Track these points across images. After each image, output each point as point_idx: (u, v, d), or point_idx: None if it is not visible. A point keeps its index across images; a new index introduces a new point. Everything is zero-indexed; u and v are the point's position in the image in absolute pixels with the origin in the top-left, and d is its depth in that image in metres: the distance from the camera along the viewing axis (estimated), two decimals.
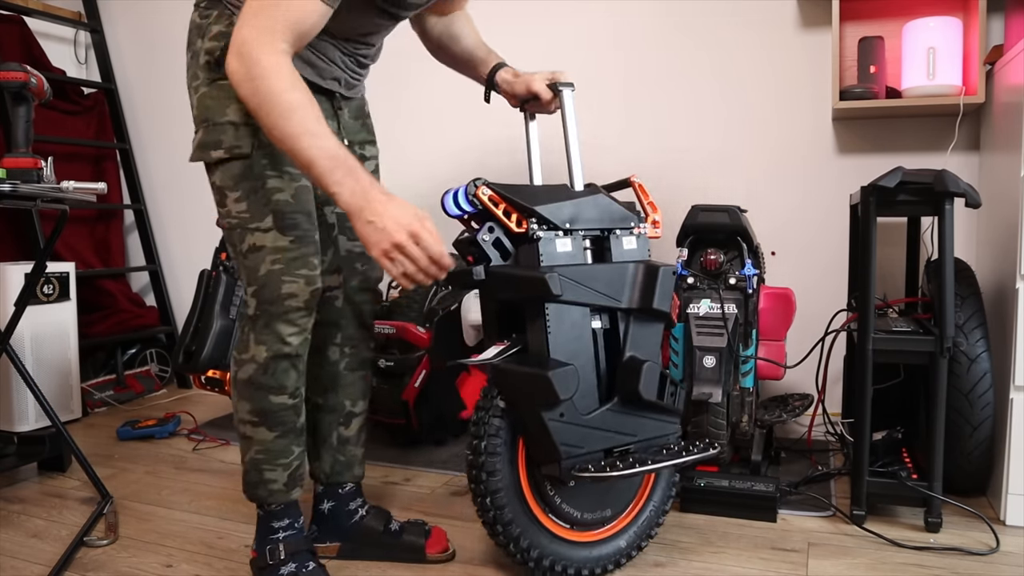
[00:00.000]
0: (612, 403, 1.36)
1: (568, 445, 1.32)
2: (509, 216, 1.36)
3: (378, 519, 1.55)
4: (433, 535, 1.54)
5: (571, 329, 1.34)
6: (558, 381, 1.26)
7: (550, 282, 1.28)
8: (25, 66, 1.70)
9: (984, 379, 1.64)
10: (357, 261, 1.53)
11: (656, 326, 1.41)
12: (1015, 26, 1.99)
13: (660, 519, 1.50)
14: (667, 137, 2.54)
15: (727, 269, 1.82)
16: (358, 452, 1.57)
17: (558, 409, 1.30)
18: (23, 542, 1.62)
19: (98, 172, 3.22)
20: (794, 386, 2.27)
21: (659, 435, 1.41)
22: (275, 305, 1.31)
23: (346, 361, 1.54)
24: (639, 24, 2.56)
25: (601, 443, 1.36)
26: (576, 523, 1.43)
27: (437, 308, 2.23)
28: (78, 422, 2.58)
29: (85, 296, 2.91)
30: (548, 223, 1.36)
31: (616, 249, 1.42)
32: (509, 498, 1.36)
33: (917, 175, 1.55)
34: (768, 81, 2.43)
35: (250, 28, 1.16)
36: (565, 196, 1.40)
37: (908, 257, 2.14)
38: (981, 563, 1.46)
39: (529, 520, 1.38)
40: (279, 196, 1.31)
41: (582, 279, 1.34)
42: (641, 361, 1.36)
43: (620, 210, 1.44)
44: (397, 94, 2.74)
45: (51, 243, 1.85)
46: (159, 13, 3.25)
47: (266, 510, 1.42)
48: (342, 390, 1.54)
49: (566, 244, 1.37)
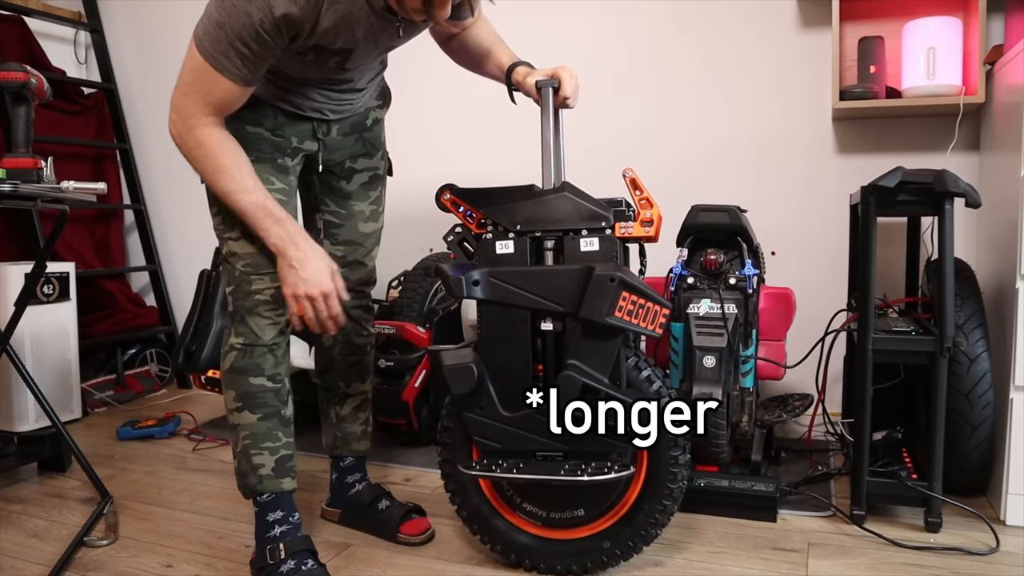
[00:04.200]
0: (541, 407, 1.34)
1: (484, 439, 1.39)
2: (472, 218, 1.44)
3: (368, 494, 1.68)
4: (414, 520, 1.62)
5: (503, 329, 1.38)
6: (450, 376, 1.36)
7: (454, 285, 1.33)
8: (25, 66, 1.70)
9: (984, 379, 1.63)
10: (339, 264, 1.55)
11: (601, 335, 1.32)
12: (1015, 26, 1.99)
13: (660, 521, 1.42)
14: (667, 137, 2.54)
15: (727, 269, 1.82)
16: (356, 429, 1.69)
17: (475, 403, 1.38)
18: (23, 542, 1.63)
19: (98, 172, 3.22)
20: (794, 386, 2.27)
21: (596, 450, 1.35)
22: (247, 300, 1.44)
23: (339, 348, 1.65)
24: (639, 24, 2.56)
25: (521, 444, 1.38)
26: (544, 521, 1.45)
27: (437, 308, 2.23)
28: (78, 422, 2.58)
29: (85, 296, 2.91)
30: (498, 225, 1.40)
31: (570, 251, 1.38)
32: (463, 491, 1.48)
33: (917, 175, 1.55)
34: (768, 81, 2.43)
35: (181, 101, 1.31)
36: (525, 197, 1.40)
37: (908, 257, 2.14)
38: (981, 563, 1.46)
39: (491, 514, 1.47)
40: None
41: (515, 282, 1.34)
42: (565, 371, 1.32)
43: (589, 210, 1.38)
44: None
45: (51, 243, 1.85)
46: (159, 13, 3.25)
47: (259, 503, 1.46)
48: (336, 372, 1.67)
49: (507, 246, 1.40)
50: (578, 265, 1.34)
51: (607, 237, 1.38)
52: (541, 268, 1.39)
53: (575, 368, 1.32)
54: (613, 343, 1.32)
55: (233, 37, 1.24)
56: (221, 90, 1.29)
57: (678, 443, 1.38)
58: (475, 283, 1.34)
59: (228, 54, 1.26)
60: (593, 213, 1.38)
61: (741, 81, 2.46)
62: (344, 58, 1.38)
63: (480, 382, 1.37)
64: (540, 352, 1.41)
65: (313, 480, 1.96)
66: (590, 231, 1.38)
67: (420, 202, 2.83)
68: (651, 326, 1.29)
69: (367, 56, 1.42)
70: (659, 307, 1.29)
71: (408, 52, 1.60)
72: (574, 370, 1.32)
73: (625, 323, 1.29)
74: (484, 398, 1.38)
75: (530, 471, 1.37)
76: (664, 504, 1.39)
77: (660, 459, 1.39)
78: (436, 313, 2.20)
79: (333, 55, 1.36)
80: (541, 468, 1.37)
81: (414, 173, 2.55)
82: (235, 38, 1.24)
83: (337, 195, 1.60)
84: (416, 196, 2.58)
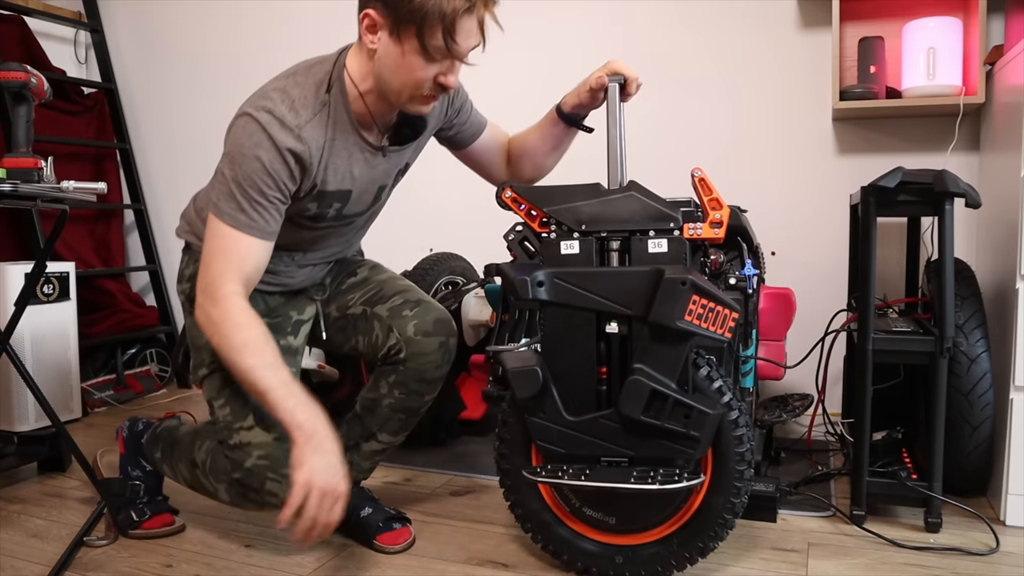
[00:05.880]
0: (607, 412, 1.32)
1: (548, 444, 1.35)
2: (534, 217, 1.38)
3: (353, 498, 1.60)
4: (395, 531, 1.58)
5: (567, 332, 1.33)
6: (515, 379, 1.31)
7: (518, 286, 1.29)
8: (25, 66, 1.70)
9: (984, 379, 1.63)
10: (404, 309, 1.54)
11: (670, 339, 1.27)
12: (1015, 26, 1.99)
13: (728, 522, 1.35)
14: (667, 137, 2.54)
15: (727, 269, 1.81)
16: (365, 465, 1.63)
17: (538, 406, 1.33)
18: (23, 542, 1.63)
19: (98, 172, 3.22)
20: (794, 386, 2.27)
21: (662, 456, 1.31)
22: (260, 495, 1.41)
23: (390, 401, 1.55)
24: (639, 24, 2.56)
25: (586, 449, 1.33)
26: (608, 526, 1.40)
27: None
28: (78, 422, 2.58)
29: (85, 296, 2.91)
30: (562, 224, 1.36)
31: (637, 252, 1.34)
32: (520, 493, 1.43)
33: (917, 175, 1.55)
34: (768, 81, 2.43)
35: (205, 276, 1.31)
36: (590, 196, 1.36)
37: (908, 257, 2.14)
38: (981, 563, 1.46)
39: (551, 518, 1.42)
40: (255, 399, 1.36)
41: (581, 283, 1.30)
42: (632, 375, 1.28)
43: (657, 210, 1.33)
44: None
45: (51, 243, 1.85)
46: (159, 13, 3.25)
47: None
48: (375, 418, 1.57)
49: (572, 246, 1.35)
50: (647, 267, 1.29)
51: (676, 239, 1.33)
52: (608, 269, 1.34)
53: (643, 373, 1.27)
54: (682, 347, 1.27)
55: (247, 187, 1.26)
56: (243, 249, 1.29)
57: (743, 441, 1.32)
58: (539, 284, 1.31)
59: (245, 208, 1.27)
60: (661, 213, 1.34)
61: (741, 81, 2.46)
62: (343, 203, 1.40)
63: (544, 386, 1.33)
64: (604, 355, 1.36)
65: None
66: (658, 232, 1.34)
67: (420, 202, 2.84)
68: (720, 330, 1.25)
69: (365, 198, 1.44)
70: (728, 311, 1.25)
71: None
72: (642, 375, 1.27)
73: (695, 327, 1.25)
74: (548, 402, 1.33)
75: (597, 478, 1.31)
76: (732, 503, 1.33)
77: (726, 462, 1.33)
78: None
79: (333, 200, 1.38)
80: (609, 475, 1.31)
81: (414, 173, 2.55)
82: (249, 187, 1.26)
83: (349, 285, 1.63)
84: (416, 196, 2.58)
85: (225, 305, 1.28)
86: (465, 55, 1.28)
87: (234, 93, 1.36)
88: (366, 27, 1.27)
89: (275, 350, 1.29)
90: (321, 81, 1.34)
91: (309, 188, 1.35)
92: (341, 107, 1.34)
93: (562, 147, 1.60)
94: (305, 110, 1.31)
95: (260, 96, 1.32)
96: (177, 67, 3.27)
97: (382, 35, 1.26)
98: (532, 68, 2.68)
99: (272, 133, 1.27)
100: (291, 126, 1.28)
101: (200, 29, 3.19)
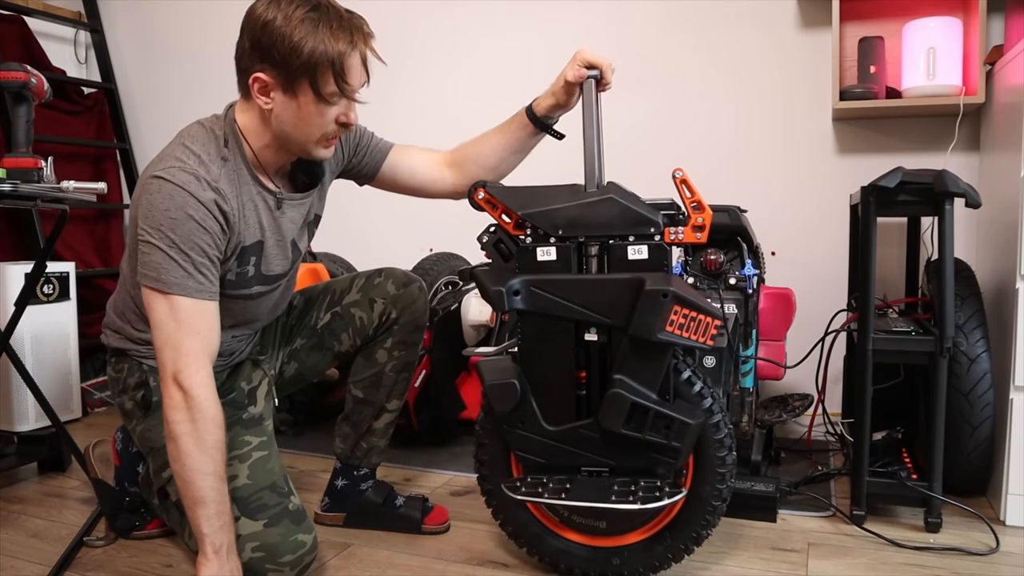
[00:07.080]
0: (586, 422, 1.30)
1: (527, 454, 1.34)
2: (509, 220, 1.35)
3: (379, 492, 1.66)
4: (435, 510, 1.65)
5: (545, 340, 1.30)
6: (492, 394, 1.30)
7: (495, 299, 1.27)
8: (25, 66, 1.70)
9: (984, 379, 1.64)
10: (372, 280, 1.60)
11: (651, 351, 1.24)
12: (1015, 26, 1.99)
13: (710, 522, 1.35)
14: (666, 137, 2.54)
15: (727, 269, 1.82)
16: (380, 443, 1.66)
17: (517, 417, 1.32)
18: (23, 542, 1.62)
19: (98, 172, 3.22)
20: (794, 386, 2.27)
21: (643, 466, 1.30)
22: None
23: (392, 364, 1.62)
24: (638, 24, 2.56)
25: (566, 459, 1.32)
26: (594, 530, 1.39)
27: (437, 308, 2.23)
28: (78, 422, 2.58)
29: (85, 296, 2.90)
30: (538, 228, 1.32)
31: (616, 258, 1.29)
32: (507, 509, 1.42)
33: (917, 175, 1.55)
34: (768, 81, 2.43)
35: (171, 361, 1.22)
36: (567, 199, 1.30)
37: (908, 257, 2.14)
38: (981, 563, 1.46)
39: (540, 530, 1.41)
40: (236, 484, 1.32)
41: (559, 292, 1.27)
42: (612, 388, 1.26)
43: (637, 214, 1.28)
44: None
45: (51, 243, 1.85)
46: (159, 13, 3.25)
47: None
48: (383, 388, 1.63)
49: (549, 252, 1.30)
50: (627, 275, 1.25)
51: (656, 245, 1.28)
52: (587, 277, 1.29)
53: (623, 384, 1.25)
54: (663, 358, 1.25)
55: (187, 250, 1.22)
56: (201, 317, 1.24)
57: (723, 444, 1.31)
58: (515, 293, 1.27)
59: (191, 273, 1.23)
60: (641, 218, 1.28)
61: (741, 81, 2.46)
62: (258, 256, 1.38)
63: (522, 397, 1.31)
64: (583, 362, 1.33)
65: (313, 480, 1.96)
66: (638, 238, 1.29)
67: (420, 202, 2.84)
68: (702, 339, 1.22)
69: (278, 252, 1.42)
70: (711, 319, 1.22)
71: (405, 48, 1.60)
72: (622, 387, 1.25)
73: (677, 337, 1.21)
74: (526, 412, 1.31)
75: (578, 495, 1.28)
76: (713, 505, 1.32)
77: (707, 462, 1.32)
78: (436, 313, 2.20)
79: (250, 255, 1.36)
80: (589, 490, 1.29)
81: None
82: (189, 249, 1.23)
83: (309, 330, 1.65)
84: (415, 197, 2.58)
85: (201, 397, 1.21)
86: (356, 92, 1.29)
87: (234, 93, 1.36)
88: (257, 90, 1.26)
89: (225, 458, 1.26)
90: (217, 138, 1.33)
91: (235, 245, 1.32)
92: (240, 161, 1.33)
93: (525, 150, 1.55)
94: (213, 165, 1.29)
95: (164, 159, 1.28)
96: (177, 67, 3.27)
97: (275, 95, 1.26)
98: (528, 68, 2.67)
99: (192, 191, 1.23)
100: (208, 179, 1.26)
101: (200, 29, 3.19)
